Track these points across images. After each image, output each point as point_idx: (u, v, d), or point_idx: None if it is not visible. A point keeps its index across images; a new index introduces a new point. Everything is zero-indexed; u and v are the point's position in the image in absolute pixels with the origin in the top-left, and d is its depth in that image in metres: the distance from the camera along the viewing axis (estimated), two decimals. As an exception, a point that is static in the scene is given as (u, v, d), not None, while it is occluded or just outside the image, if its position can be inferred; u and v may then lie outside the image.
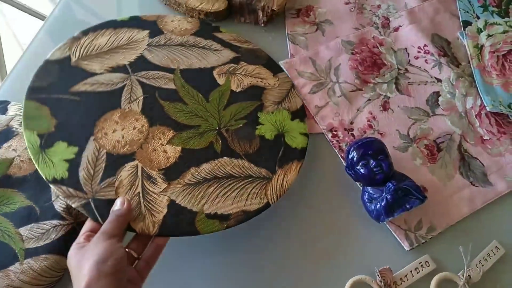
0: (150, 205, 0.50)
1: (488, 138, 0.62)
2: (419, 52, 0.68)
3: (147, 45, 0.63)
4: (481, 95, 0.64)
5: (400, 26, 0.70)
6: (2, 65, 1.11)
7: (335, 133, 0.61)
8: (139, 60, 0.61)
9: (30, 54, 0.68)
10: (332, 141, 0.60)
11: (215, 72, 0.62)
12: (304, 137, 0.59)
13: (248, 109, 0.60)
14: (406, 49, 0.69)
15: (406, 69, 0.67)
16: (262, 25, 0.71)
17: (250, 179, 0.54)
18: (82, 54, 0.60)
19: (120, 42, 0.62)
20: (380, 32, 0.70)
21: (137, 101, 0.57)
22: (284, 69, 0.65)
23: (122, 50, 0.61)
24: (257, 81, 0.63)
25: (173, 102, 0.58)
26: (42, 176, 0.49)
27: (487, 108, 0.63)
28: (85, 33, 0.62)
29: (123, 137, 0.54)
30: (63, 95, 0.55)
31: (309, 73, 0.65)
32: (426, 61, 0.67)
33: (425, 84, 0.66)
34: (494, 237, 0.55)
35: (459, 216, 0.56)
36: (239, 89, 0.61)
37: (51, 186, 0.49)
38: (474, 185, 0.58)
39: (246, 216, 0.52)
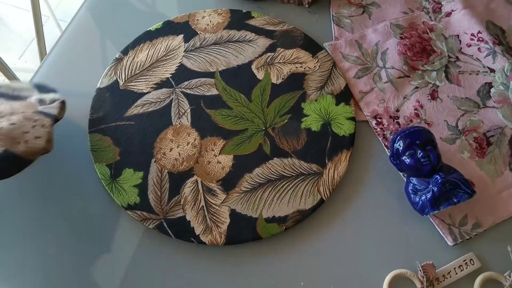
0: (214, 217, 0.52)
1: (542, 134, 0.58)
2: (472, 39, 0.64)
3: (184, 51, 0.63)
4: (536, 88, 0.60)
5: (452, 10, 0.67)
6: (42, 44, 1.11)
7: (379, 120, 0.58)
8: (179, 69, 0.61)
9: (70, 34, 0.68)
10: (376, 129, 0.58)
11: (253, 66, 0.61)
12: (351, 122, 0.57)
13: (291, 101, 0.58)
14: (458, 35, 0.65)
15: (457, 57, 0.63)
16: (306, 6, 0.68)
17: (301, 177, 0.54)
18: (128, 75, 0.61)
19: (159, 54, 0.63)
20: (430, 17, 0.66)
21: (186, 114, 0.58)
22: (329, 52, 0.62)
23: (163, 62, 0.62)
24: (297, 67, 0.61)
25: (218, 109, 0.58)
26: (118, 203, 0.53)
27: (543, 102, 0.59)
28: (125, 52, 0.63)
29: (179, 155, 0.55)
30: (119, 122, 0.57)
31: (354, 57, 0.63)
32: (479, 49, 0.63)
33: (477, 74, 0.62)
34: (544, 238, 0.52)
35: (507, 214, 0.53)
36: (279, 81, 0.60)
37: (128, 212, 0.52)
38: (524, 182, 0.55)
39: (302, 215, 0.52)
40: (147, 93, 0.59)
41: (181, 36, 0.63)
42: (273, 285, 0.50)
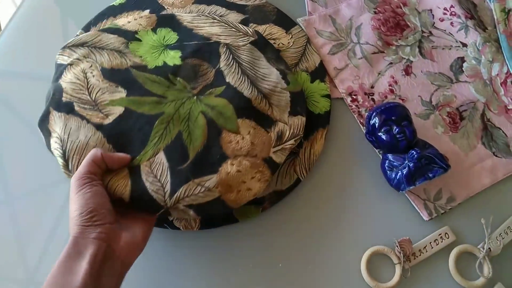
0: None
1: (512, 108, 0.59)
2: (444, 13, 0.64)
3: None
4: (507, 62, 0.61)
5: (425, -15, 0.66)
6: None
7: (354, 97, 0.57)
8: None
9: (26, 10, 0.63)
10: (351, 106, 0.57)
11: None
12: (326, 100, 0.56)
13: None
14: (431, 10, 0.64)
15: (430, 32, 0.63)
16: (278, -21, 0.66)
17: None
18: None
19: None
20: (403, -9, 0.65)
21: None
22: (303, 28, 0.61)
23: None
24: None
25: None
26: None
27: (514, 76, 0.60)
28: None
29: None
30: None
31: (328, 33, 0.61)
32: (451, 23, 0.63)
33: (450, 48, 0.62)
34: (516, 210, 0.53)
35: (480, 187, 0.54)
36: None
37: None
38: (496, 155, 0.56)
39: (279, 196, 0.51)
40: None
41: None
42: (251, 267, 0.49)
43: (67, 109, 0.47)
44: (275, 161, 0.47)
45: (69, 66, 0.49)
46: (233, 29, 0.54)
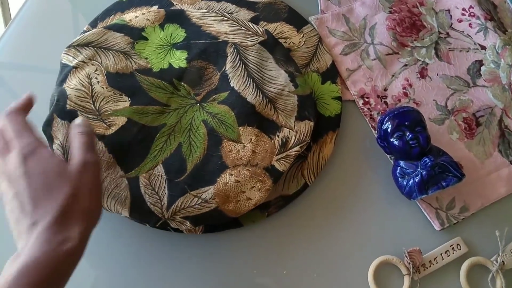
0: None
1: (532, 115, 0.57)
2: (463, 14, 0.61)
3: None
4: (527, 66, 0.58)
5: (443, -16, 0.63)
6: (6, 8, 1.03)
7: (366, 100, 0.56)
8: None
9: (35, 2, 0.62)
10: (363, 109, 0.55)
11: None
12: (337, 102, 0.54)
13: None
14: (449, 10, 0.62)
15: (447, 33, 0.60)
16: (291, -25, 0.64)
17: None
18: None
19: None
20: (420, -10, 0.63)
21: None
22: (315, 26, 0.59)
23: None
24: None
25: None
26: None
27: (534, 82, 0.57)
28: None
29: None
30: None
31: (341, 32, 0.59)
32: (470, 25, 0.61)
33: (467, 51, 0.60)
34: (532, 222, 0.51)
35: (496, 197, 0.52)
36: None
37: None
38: (513, 164, 0.54)
39: (285, 201, 0.49)
40: None
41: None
42: (255, 274, 0.48)
43: (71, 117, 0.47)
44: (277, 169, 0.46)
45: (74, 69, 0.49)
46: (243, 28, 0.52)
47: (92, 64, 0.49)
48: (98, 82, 0.48)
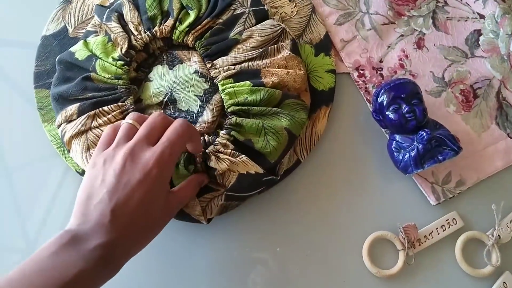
0: None
1: (530, 86, 0.55)
2: (462, -19, 0.59)
3: None
4: (527, 36, 0.56)
5: (442, -51, 0.60)
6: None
7: (361, 72, 0.54)
8: None
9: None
10: (358, 82, 0.53)
11: None
12: (330, 75, 0.52)
13: None
14: (447, -23, 0.59)
15: (445, 2, 0.58)
16: None
17: None
18: (78, 21, 0.52)
19: None
20: (418, -44, 0.60)
21: None
22: (307, -6, 0.56)
23: None
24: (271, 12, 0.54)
25: None
26: (72, 168, 0.47)
27: (534, 51, 0.55)
28: None
29: None
30: None
31: (335, 1, 0.56)
32: (469, -8, 0.58)
33: (466, 20, 0.57)
34: (529, 195, 0.51)
35: (492, 171, 0.51)
36: None
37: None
38: (510, 137, 0.53)
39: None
40: None
41: None
42: (247, 252, 0.47)
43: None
44: None
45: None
46: None
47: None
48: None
